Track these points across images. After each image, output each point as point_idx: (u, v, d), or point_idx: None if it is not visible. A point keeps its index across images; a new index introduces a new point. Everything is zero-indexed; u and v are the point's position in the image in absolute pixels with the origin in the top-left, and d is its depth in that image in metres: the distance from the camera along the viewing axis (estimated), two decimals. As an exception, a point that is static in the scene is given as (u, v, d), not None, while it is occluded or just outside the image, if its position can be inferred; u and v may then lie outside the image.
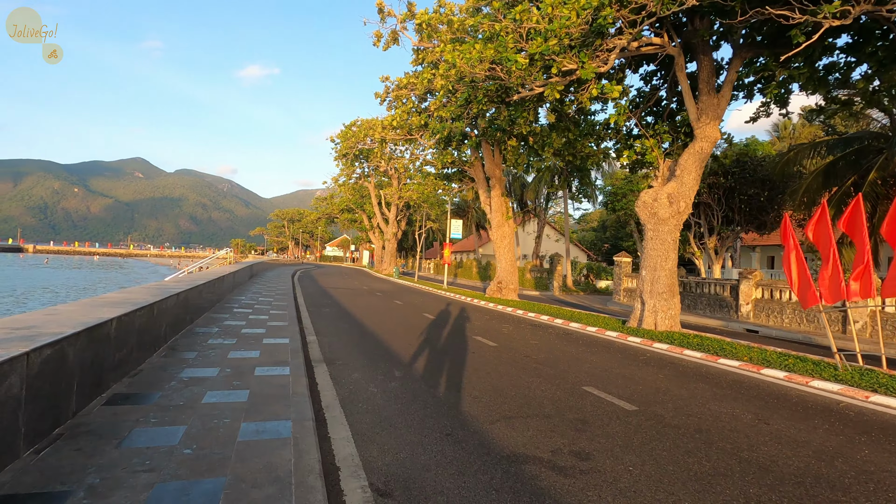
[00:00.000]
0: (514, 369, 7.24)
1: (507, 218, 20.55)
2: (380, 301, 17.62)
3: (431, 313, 14.21)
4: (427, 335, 10.07)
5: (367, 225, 57.86)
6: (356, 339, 9.38)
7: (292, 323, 9.93)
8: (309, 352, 7.79)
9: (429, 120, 18.41)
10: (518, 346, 9.20)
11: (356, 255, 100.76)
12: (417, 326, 11.30)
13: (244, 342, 7.37)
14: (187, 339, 7.20)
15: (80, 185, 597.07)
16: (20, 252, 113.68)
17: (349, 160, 42.83)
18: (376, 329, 10.65)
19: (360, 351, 8.21)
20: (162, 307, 6.37)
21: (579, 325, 12.40)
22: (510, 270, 20.35)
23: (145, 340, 5.66)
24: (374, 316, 12.99)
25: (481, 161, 21.69)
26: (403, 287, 27.42)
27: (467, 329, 11.23)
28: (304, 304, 14.93)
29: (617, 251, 58.66)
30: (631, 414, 5.27)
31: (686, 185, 11.74)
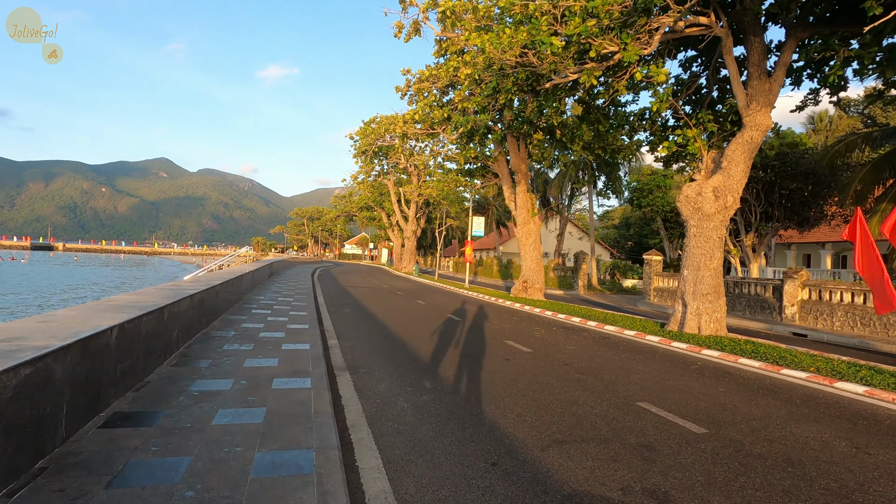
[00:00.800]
0: (556, 380, 6.55)
1: (533, 215, 19.78)
2: (401, 301, 17.06)
3: (456, 314, 13.57)
4: (455, 339, 9.45)
5: (385, 223, 57.56)
6: (380, 342, 8.80)
7: (313, 325, 9.41)
8: (331, 358, 7.23)
9: (452, 113, 17.74)
10: (555, 353, 8.49)
11: (375, 253, 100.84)
12: (443, 329, 10.68)
13: (262, 348, 6.85)
14: (201, 345, 6.71)
15: (107, 184, 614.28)
16: (51, 250, 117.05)
17: (368, 157, 42.46)
18: (400, 332, 10.07)
19: (384, 357, 7.62)
20: (173, 311, 5.87)
21: (615, 329, 11.61)
22: (536, 269, 19.58)
23: (154, 348, 5.15)
24: (396, 317, 12.42)
25: (505, 156, 20.94)
26: (424, 286, 26.86)
27: (497, 332, 10.56)
28: (325, 304, 14.45)
29: (641, 249, 57.19)
30: (702, 438, 4.54)
31: (734, 178, 10.84)
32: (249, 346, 6.92)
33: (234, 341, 7.16)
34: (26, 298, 25.96)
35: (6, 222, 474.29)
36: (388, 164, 45.94)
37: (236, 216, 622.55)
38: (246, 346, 6.81)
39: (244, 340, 7.28)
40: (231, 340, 7.20)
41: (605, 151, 17.91)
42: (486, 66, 11.29)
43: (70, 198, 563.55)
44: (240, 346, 6.78)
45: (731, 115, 11.83)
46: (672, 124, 15.28)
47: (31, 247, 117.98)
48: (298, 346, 7.10)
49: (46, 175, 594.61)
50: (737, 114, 11.45)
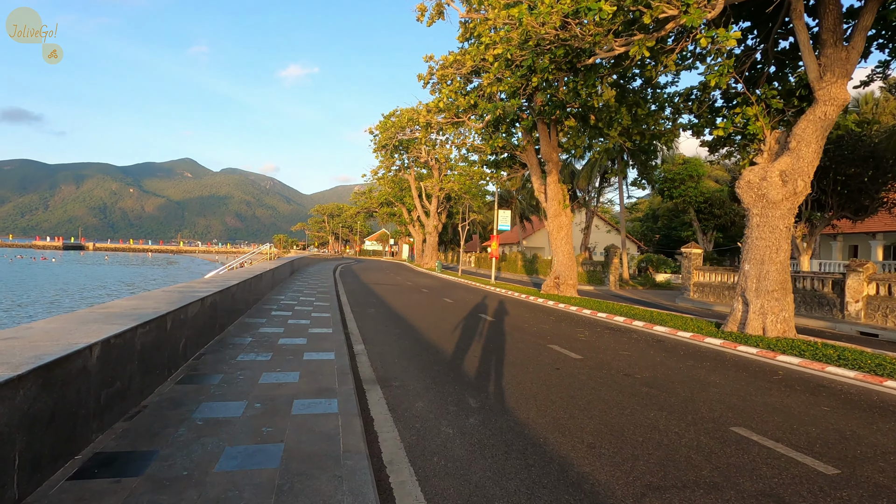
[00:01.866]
0: (621, 395, 5.57)
1: (565, 206, 18.66)
2: (427, 299, 16.21)
3: (488, 313, 12.64)
4: (492, 342, 8.52)
5: (406, 218, 56.88)
6: (410, 347, 7.94)
7: (336, 329, 8.60)
8: (358, 368, 6.39)
9: (478, 100, 16.74)
10: (609, 360, 7.49)
11: (395, 249, 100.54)
12: (477, 331, 9.76)
13: (281, 358, 6.04)
14: (213, 355, 5.93)
15: (134, 185, 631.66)
16: (81, 250, 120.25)
17: (388, 151, 41.72)
18: (431, 334, 9.20)
19: (418, 365, 6.74)
20: (179, 318, 5.09)
21: (667, 330, 10.51)
22: (568, 265, 18.49)
23: (154, 363, 4.36)
24: (425, 317, 11.56)
25: (534, 145, 19.85)
26: (448, 282, 25.98)
27: (537, 335, 9.59)
28: (348, 304, 13.69)
29: (670, 242, 55.26)
30: (838, 483, 3.52)
31: (804, 160, 9.60)
32: (267, 355, 6.12)
33: (251, 350, 6.37)
34: (27, 297, 26.02)
35: (41, 223, 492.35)
36: (409, 159, 45.14)
37: (259, 214, 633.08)
38: (263, 357, 6.01)
39: (262, 349, 6.50)
40: (247, 349, 6.42)
41: (644, 137, 16.69)
42: (521, 42, 10.27)
43: (100, 199, 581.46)
44: (256, 356, 5.99)
45: (800, 90, 10.55)
46: (720, 105, 14.03)
47: (63, 247, 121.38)
48: (322, 356, 6.27)
49: (77, 177, 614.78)
50: (806, 87, 10.19)
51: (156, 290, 6.40)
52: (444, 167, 43.43)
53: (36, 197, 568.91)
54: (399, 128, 38.81)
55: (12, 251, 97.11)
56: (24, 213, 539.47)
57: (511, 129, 20.31)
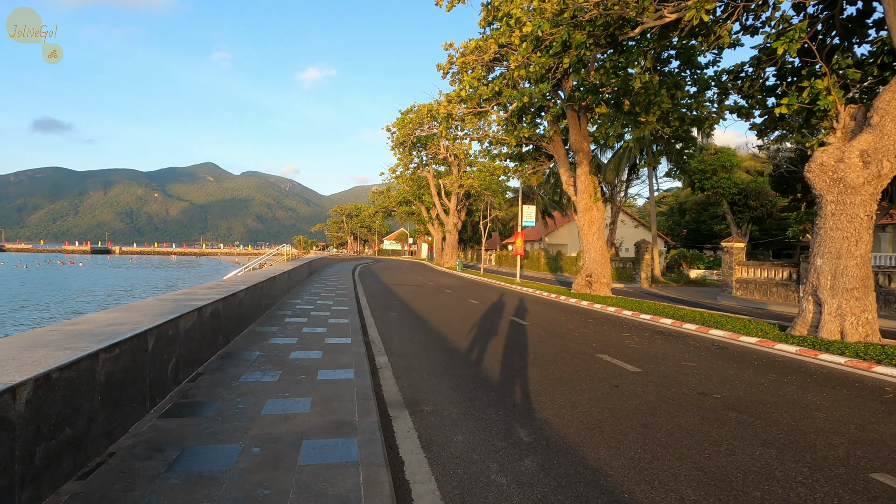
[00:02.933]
0: (707, 424, 4.49)
1: (596, 199, 17.46)
2: (452, 300, 15.23)
3: (520, 316, 11.60)
4: (531, 352, 7.49)
5: (425, 217, 56.05)
6: (440, 359, 6.97)
7: (356, 338, 7.69)
8: (382, 388, 5.44)
9: (502, 87, 15.67)
10: (673, 373, 6.39)
11: (414, 248, 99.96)
12: (511, 337, 8.74)
13: (291, 378, 5.13)
14: (212, 375, 5.06)
15: (159, 190, 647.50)
16: (108, 253, 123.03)
17: (406, 149, 40.91)
18: (460, 342, 8.21)
19: (451, 382, 5.76)
20: (167, 334, 4.21)
21: (725, 334, 9.31)
22: (601, 262, 17.29)
23: (128, 394, 3.47)
24: (451, 322, 10.57)
25: (562, 135, 18.68)
26: (471, 282, 24.96)
27: (580, 341, 8.52)
28: (368, 307, 12.80)
29: (698, 236, 53.18)
30: None
31: (889, 137, 8.29)
32: (275, 374, 5.22)
33: (257, 367, 5.48)
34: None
35: (72, 229, 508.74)
36: (427, 156, 44.25)
37: (279, 216, 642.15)
38: (270, 377, 5.10)
39: (270, 365, 5.60)
40: (253, 366, 5.53)
41: (683, 122, 15.38)
42: (556, 14, 9.19)
43: (126, 204, 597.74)
44: (262, 376, 5.09)
45: (883, 57, 9.21)
46: (772, 83, 12.70)
47: (91, 251, 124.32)
48: (339, 375, 5.33)
49: (105, 183, 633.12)
50: (891, 53, 8.86)
51: (148, 298, 5.56)
52: (464, 163, 42.40)
53: (66, 203, 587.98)
54: (417, 124, 37.95)
55: (43, 256, 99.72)
56: (55, 218, 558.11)
57: (536, 118, 19.19)
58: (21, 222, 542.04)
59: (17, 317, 20.69)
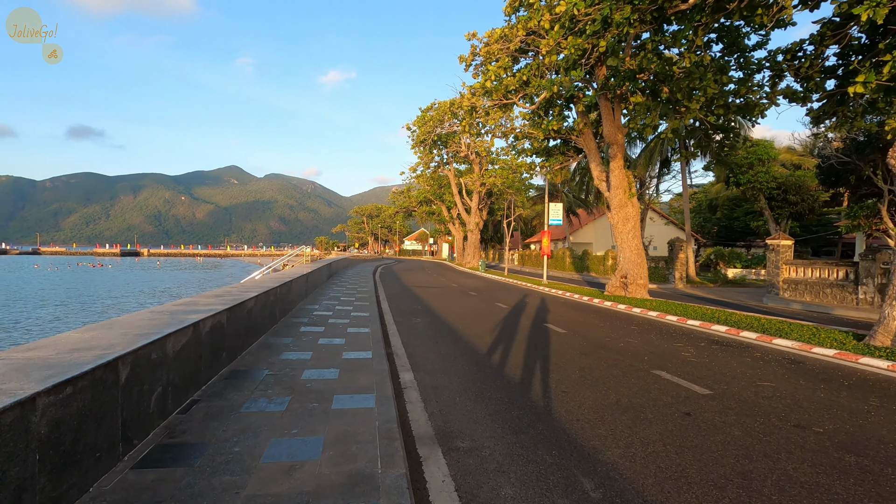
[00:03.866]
0: (823, 474, 3.50)
1: (631, 195, 16.33)
2: (478, 304, 14.34)
3: (555, 323, 10.64)
4: (577, 368, 6.55)
5: (446, 216, 55.26)
6: (473, 377, 6.10)
7: (377, 350, 6.88)
8: (409, 416, 4.61)
9: (530, 76, 14.71)
10: (751, 397, 5.38)
11: (435, 248, 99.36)
12: (550, 349, 7.81)
13: (302, 406, 4.34)
14: (209, 403, 4.30)
15: (186, 193, 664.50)
16: (137, 256, 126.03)
17: (427, 147, 40.17)
18: (493, 355, 7.33)
19: (489, 408, 4.89)
20: (149, 359, 3.46)
21: (793, 344, 8.19)
22: (637, 262, 16.15)
23: (84, 447, 2.70)
24: (481, 329, 9.69)
25: (592, 127, 17.60)
26: (496, 283, 24.01)
27: (630, 354, 7.54)
28: (390, 312, 12.02)
29: (731, 233, 51.01)
30: None
31: None
32: (283, 401, 4.44)
33: (264, 391, 4.71)
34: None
35: (103, 232, 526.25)
36: (448, 154, 43.42)
37: (301, 217, 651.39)
38: (277, 405, 4.32)
39: (278, 389, 4.83)
40: (259, 389, 4.76)
41: (728, 110, 14.16)
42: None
43: (155, 207, 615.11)
44: (268, 404, 4.31)
45: None
46: (833, 63, 11.45)
47: (121, 253, 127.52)
48: (358, 403, 4.51)
49: (134, 187, 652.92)
50: None
51: (140, 311, 4.85)
52: (486, 161, 41.41)
53: (98, 207, 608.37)
54: (437, 121, 37.17)
55: (75, 258, 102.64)
56: (88, 222, 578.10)
57: (565, 110, 18.15)
58: (56, 226, 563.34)
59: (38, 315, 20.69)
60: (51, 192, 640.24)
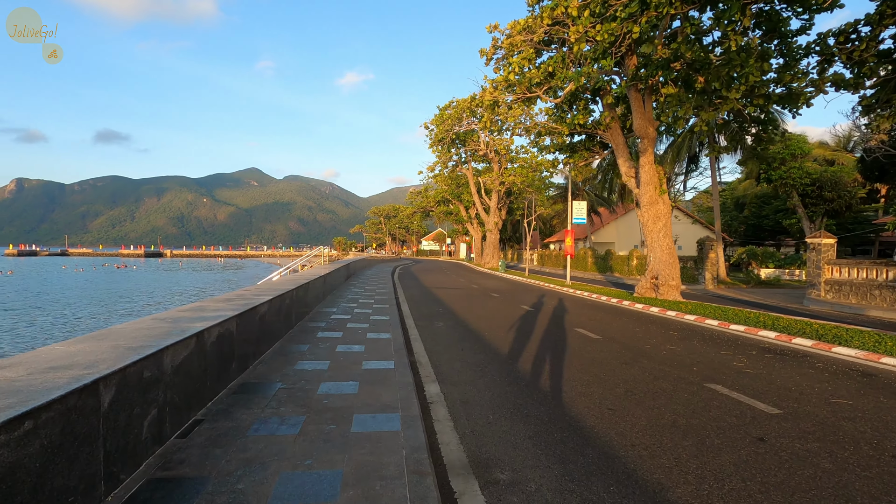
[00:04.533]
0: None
1: (662, 192, 15.52)
2: (502, 306, 13.73)
3: (586, 327, 9.97)
4: (621, 380, 5.91)
5: (464, 216, 54.67)
6: (505, 389, 5.51)
7: (399, 358, 6.36)
8: (438, 437, 4.05)
9: (556, 67, 14.04)
10: (829, 417, 4.66)
11: (452, 248, 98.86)
12: (587, 357, 7.17)
13: (318, 428, 3.82)
14: (212, 426, 3.81)
15: (207, 195, 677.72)
16: (160, 257, 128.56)
17: (445, 146, 39.66)
18: (524, 363, 6.73)
19: (528, 430, 4.30)
20: (138, 380, 2.97)
21: (857, 353, 7.39)
22: (669, 262, 15.33)
23: (51, 491, 2.21)
24: (508, 334, 9.09)
25: (619, 122, 16.83)
26: (518, 284, 23.33)
27: (674, 363, 6.85)
28: (411, 315, 11.51)
29: (760, 232, 49.26)
30: None
31: None
32: (297, 421, 3.92)
33: (275, 409, 4.21)
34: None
35: (129, 234, 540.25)
36: (466, 153, 42.82)
37: (319, 219, 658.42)
38: (289, 427, 3.80)
39: (292, 406, 4.32)
40: (270, 407, 4.26)
41: (769, 100, 13.26)
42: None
43: (178, 209, 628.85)
44: (279, 426, 3.80)
45: None
46: (888, 46, 10.57)
47: (145, 254, 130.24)
48: (381, 424, 3.97)
49: (158, 190, 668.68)
50: None
51: (141, 319, 4.39)
52: (505, 159, 40.68)
53: (124, 209, 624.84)
54: (455, 119, 36.62)
55: (100, 259, 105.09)
56: (114, 224, 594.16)
57: (591, 104, 17.41)
58: (84, 228, 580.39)
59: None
60: (79, 195, 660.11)
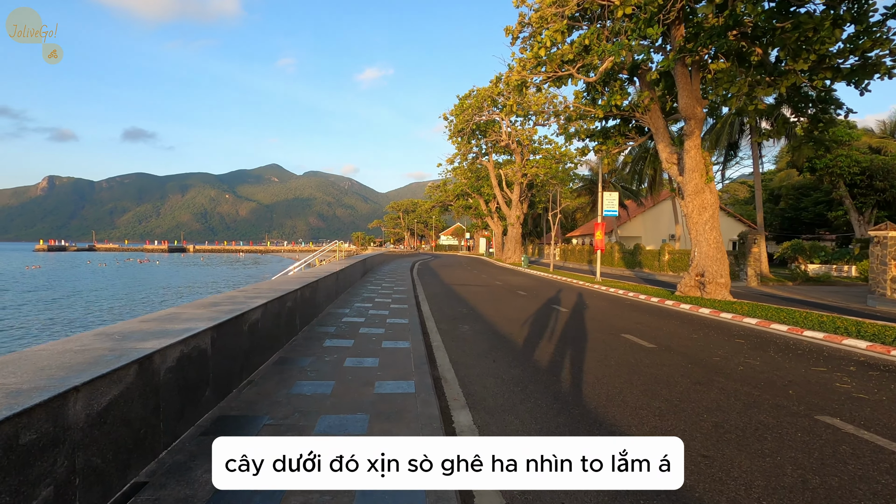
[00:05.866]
0: None
1: (709, 180, 14.00)
2: (531, 305, 12.46)
3: (635, 333, 8.65)
4: (700, 408, 4.62)
5: (484, 210, 53.31)
6: (556, 421, 4.28)
7: (422, 379, 5.19)
8: (476, 500, 2.87)
9: (593, 40, 12.62)
10: None
11: (471, 243, 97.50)
12: (647, 373, 5.88)
13: (305, 500, 2.66)
14: (157, 496, 2.69)
15: (229, 192, 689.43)
16: (183, 252, 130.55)
17: (465, 137, 38.32)
18: (574, 382, 5.48)
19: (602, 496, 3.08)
20: (63, 417, 1.84)
21: None
22: (717, 257, 13.82)
23: None
24: (544, 342, 7.84)
25: (660, 103, 15.32)
26: (544, 281, 21.98)
27: (762, 384, 5.51)
28: (432, 317, 10.33)
29: (798, 225, 46.62)
30: None
31: None
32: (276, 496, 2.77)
33: (267, 434, 3.06)
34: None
35: (154, 229, 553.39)
36: (487, 144, 41.39)
37: (339, 214, 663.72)
38: (267, 501, 2.65)
39: (287, 428, 3.17)
40: (265, 430, 3.12)
41: (838, 73, 11.62)
42: None
43: (201, 205, 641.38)
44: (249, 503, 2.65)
45: None
46: None
47: (168, 250, 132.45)
48: (399, 500, 2.79)
49: (182, 186, 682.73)
50: None
51: (81, 334, 3.30)
52: (527, 151, 39.13)
53: (150, 206, 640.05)
54: (476, 109, 35.25)
55: (125, 255, 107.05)
56: (140, 220, 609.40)
57: (626, 85, 15.92)
58: (112, 224, 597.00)
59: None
60: (107, 192, 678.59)
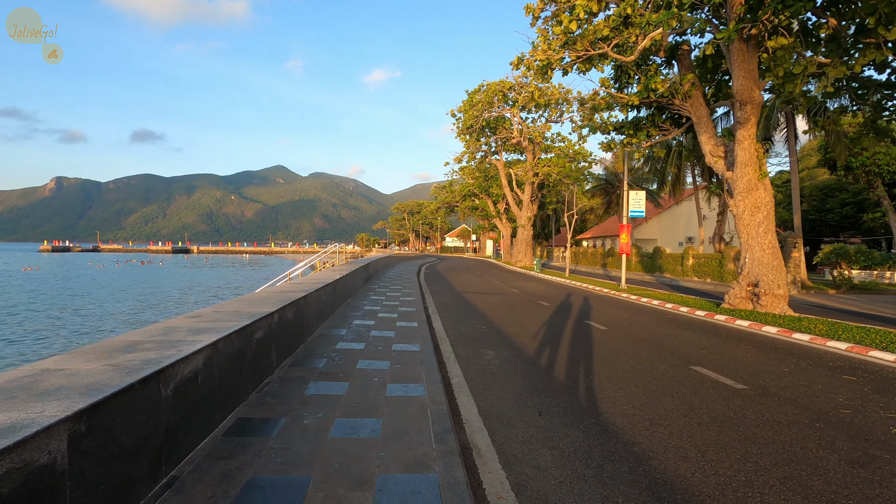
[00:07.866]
0: None
1: (762, 176, 12.20)
2: (557, 319, 10.67)
3: (705, 365, 6.85)
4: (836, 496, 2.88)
5: (492, 211, 51.54)
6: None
7: (447, 461, 3.44)
8: None
9: (633, 11, 10.85)
10: None
11: (477, 245, 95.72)
12: (757, 434, 4.10)
13: None
14: None
15: (235, 193, 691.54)
16: (187, 253, 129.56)
17: (474, 134, 36.55)
18: (656, 445, 3.73)
19: None
20: None
21: None
22: (773, 264, 11.99)
23: None
24: (602, 379, 6.06)
25: (702, 89, 13.53)
26: (563, 288, 20.17)
27: None
28: (447, 339, 8.58)
29: (823, 227, 44.45)
30: None
31: None
32: None
33: None
34: None
35: (160, 230, 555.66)
36: (497, 141, 39.61)
37: (344, 215, 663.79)
38: None
39: None
40: None
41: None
42: None
43: (207, 206, 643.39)
44: None
45: None
46: None
47: (172, 251, 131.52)
48: None
49: (188, 188, 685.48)
50: None
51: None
52: (539, 149, 37.31)
53: (156, 207, 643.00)
54: (486, 104, 33.49)
55: (129, 256, 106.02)
56: (147, 221, 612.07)
57: (662, 66, 14.13)
58: (118, 225, 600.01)
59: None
60: (114, 192, 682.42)
